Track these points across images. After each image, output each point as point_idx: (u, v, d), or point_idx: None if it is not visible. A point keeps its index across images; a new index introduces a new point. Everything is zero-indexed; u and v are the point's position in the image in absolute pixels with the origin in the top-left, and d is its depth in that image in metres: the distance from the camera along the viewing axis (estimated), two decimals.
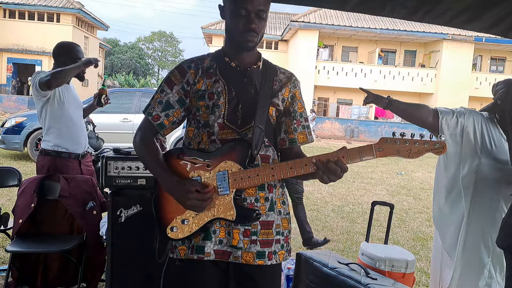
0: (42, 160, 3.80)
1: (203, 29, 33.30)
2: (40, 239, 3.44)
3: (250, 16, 1.78)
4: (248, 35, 1.80)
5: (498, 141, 2.78)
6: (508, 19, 2.83)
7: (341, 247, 5.49)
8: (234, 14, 1.80)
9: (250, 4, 1.77)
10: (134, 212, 2.99)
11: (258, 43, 1.88)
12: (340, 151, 1.77)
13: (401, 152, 1.74)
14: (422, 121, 2.84)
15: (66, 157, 3.80)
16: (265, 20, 1.85)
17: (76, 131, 3.90)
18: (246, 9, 1.77)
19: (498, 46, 29.98)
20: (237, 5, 1.79)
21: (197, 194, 1.74)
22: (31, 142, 10.14)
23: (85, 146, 4.03)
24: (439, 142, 1.73)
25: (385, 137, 1.75)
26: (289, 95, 1.99)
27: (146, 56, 71.92)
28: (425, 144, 1.73)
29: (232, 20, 1.83)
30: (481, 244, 2.80)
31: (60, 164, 3.76)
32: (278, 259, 1.91)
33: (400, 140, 1.74)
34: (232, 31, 1.85)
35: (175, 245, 1.87)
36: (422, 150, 1.74)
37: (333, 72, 29.58)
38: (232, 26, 1.83)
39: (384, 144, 1.75)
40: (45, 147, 3.80)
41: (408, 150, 1.74)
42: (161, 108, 1.90)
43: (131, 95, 11.12)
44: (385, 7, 2.84)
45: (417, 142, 1.74)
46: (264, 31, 1.88)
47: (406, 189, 10.23)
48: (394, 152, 1.75)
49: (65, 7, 30.03)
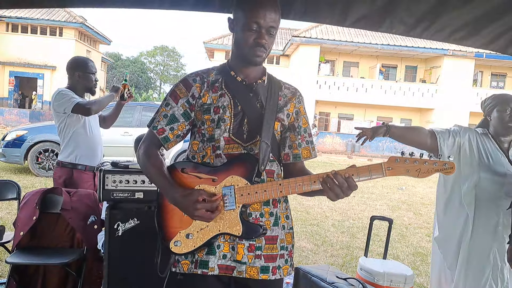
0: (59, 171, 3.96)
1: (205, 44, 33.45)
2: (40, 251, 3.44)
3: (261, 32, 1.80)
4: (258, 50, 1.81)
5: (494, 154, 2.84)
6: (506, 35, 2.86)
7: (341, 262, 5.47)
8: (246, 28, 1.81)
9: (263, 20, 1.78)
10: (132, 226, 2.99)
11: (265, 58, 1.89)
12: (349, 169, 1.78)
13: (411, 172, 1.75)
14: (420, 144, 2.91)
15: (82, 169, 3.96)
16: (274, 37, 1.86)
17: (95, 141, 4.09)
18: (259, 24, 1.79)
19: (498, 62, 30.05)
20: (249, 19, 1.79)
21: (205, 204, 1.72)
22: (32, 156, 10.12)
23: (101, 158, 4.19)
24: (448, 163, 1.74)
25: (394, 156, 1.77)
26: (294, 111, 2.00)
27: (148, 70, 71.99)
28: (434, 164, 1.74)
29: (242, 34, 1.82)
30: (483, 259, 2.81)
31: (76, 176, 3.92)
32: (282, 273, 1.91)
33: (410, 159, 1.75)
34: (241, 45, 1.85)
35: (178, 259, 1.87)
36: (431, 170, 1.75)
37: (334, 87, 29.63)
38: (242, 40, 1.83)
39: (394, 163, 1.76)
40: (62, 159, 3.96)
41: (418, 170, 1.75)
42: (166, 121, 1.90)
43: (132, 109, 11.13)
44: (384, 23, 2.88)
45: (427, 162, 1.75)
46: (271, 48, 1.89)
47: (407, 204, 10.20)
48: (403, 171, 1.75)
49: (67, 21, 30.18)
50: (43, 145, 10.11)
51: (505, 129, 2.88)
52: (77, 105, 3.82)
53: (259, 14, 1.78)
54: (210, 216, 1.74)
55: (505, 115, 2.85)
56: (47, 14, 30.13)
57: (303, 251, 5.78)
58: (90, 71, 4.11)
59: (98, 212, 3.57)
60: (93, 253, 3.45)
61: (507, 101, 2.89)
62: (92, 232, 3.46)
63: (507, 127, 2.87)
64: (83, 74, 4.06)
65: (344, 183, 1.73)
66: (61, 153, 3.99)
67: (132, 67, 66.53)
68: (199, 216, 1.73)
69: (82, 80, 4.07)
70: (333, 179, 1.74)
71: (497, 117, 2.90)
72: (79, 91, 4.05)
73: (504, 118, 2.86)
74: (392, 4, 2.65)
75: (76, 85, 4.07)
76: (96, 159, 4.07)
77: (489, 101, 2.97)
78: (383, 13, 2.76)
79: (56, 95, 3.91)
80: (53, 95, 3.95)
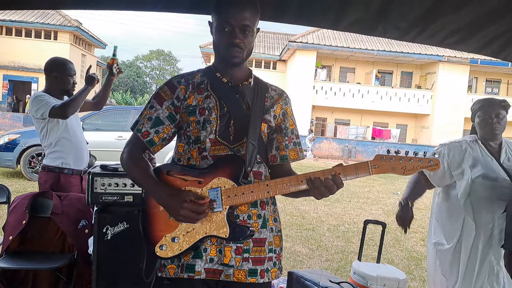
0: (45, 176, 3.83)
1: (201, 48, 33.46)
2: (30, 256, 3.40)
3: (234, 31, 1.79)
4: (233, 50, 1.81)
5: (484, 160, 2.85)
6: (499, 40, 2.86)
7: (336, 266, 5.45)
8: (218, 29, 1.82)
9: (234, 19, 1.78)
10: (121, 230, 2.96)
11: (246, 59, 1.88)
12: (336, 167, 1.77)
13: (396, 169, 1.76)
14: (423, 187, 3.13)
15: (69, 173, 3.84)
16: (252, 36, 1.85)
17: (80, 145, 3.97)
18: (230, 24, 1.79)
19: (493, 68, 30.23)
20: (221, 20, 1.81)
21: (192, 205, 1.69)
22: (24, 160, 10.06)
23: (87, 161, 4.07)
24: (433, 160, 1.76)
25: (380, 154, 1.77)
26: (280, 112, 1.98)
27: (144, 74, 72.15)
28: (420, 161, 1.76)
29: (217, 36, 1.84)
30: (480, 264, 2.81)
31: (63, 180, 3.81)
32: (271, 277, 1.88)
33: (395, 157, 1.76)
34: (218, 47, 1.86)
35: (164, 263, 1.84)
36: (417, 167, 1.76)
37: (331, 92, 29.73)
38: (217, 42, 1.85)
39: (380, 161, 1.76)
40: (48, 163, 3.83)
41: (403, 167, 1.75)
42: (150, 124, 1.88)
43: (126, 113, 11.11)
44: (378, 27, 2.88)
45: (412, 159, 1.76)
46: (252, 47, 1.88)
47: None
48: (389, 169, 1.76)
49: (62, 25, 30.08)
50: (36, 149, 10.03)
51: (490, 134, 2.90)
52: (52, 109, 3.66)
53: (230, 14, 1.79)
54: (196, 217, 1.71)
55: (489, 120, 2.88)
56: (42, 17, 30.05)
57: (298, 255, 5.74)
58: (68, 73, 3.94)
59: (89, 216, 3.53)
60: (83, 258, 3.40)
61: (489, 105, 2.91)
62: (83, 237, 3.42)
63: (489, 131, 2.89)
64: (60, 75, 3.90)
65: (330, 181, 1.73)
66: (47, 158, 3.86)
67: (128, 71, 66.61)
68: (184, 216, 1.70)
69: (59, 82, 3.91)
70: (320, 179, 1.73)
71: (478, 122, 2.93)
72: (56, 93, 3.89)
73: (485, 123, 2.89)
74: (385, 9, 2.65)
75: (53, 86, 3.91)
76: (83, 162, 3.98)
77: (473, 106, 3.01)
78: (377, 17, 2.76)
79: (32, 100, 3.76)
80: (30, 101, 3.84)
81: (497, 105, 2.89)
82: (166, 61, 74.71)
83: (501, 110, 2.87)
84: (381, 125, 30.74)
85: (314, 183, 1.74)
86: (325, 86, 29.95)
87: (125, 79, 64.84)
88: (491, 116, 2.86)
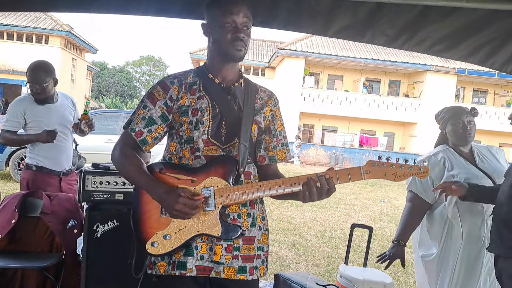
0: (24, 173, 3.90)
1: (191, 54, 33.46)
2: (18, 255, 3.40)
3: (238, 27, 1.86)
4: (237, 44, 1.86)
5: (461, 166, 2.92)
6: (485, 48, 2.93)
7: (322, 272, 5.48)
8: (223, 25, 1.86)
9: (237, 16, 1.85)
10: (111, 227, 2.98)
11: (244, 55, 1.93)
12: (329, 171, 1.84)
13: (388, 175, 1.83)
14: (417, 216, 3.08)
15: (47, 172, 3.87)
16: (249, 35, 1.92)
17: (56, 152, 3.92)
18: (234, 20, 1.85)
19: (480, 78, 30.49)
20: (225, 17, 1.85)
21: (187, 200, 1.73)
22: (13, 161, 10.00)
23: (67, 165, 4.05)
24: (422, 167, 1.84)
25: (372, 160, 1.84)
26: (270, 113, 2.04)
27: (134, 79, 71.89)
28: (410, 169, 1.83)
29: (221, 32, 1.87)
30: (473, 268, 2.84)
31: (41, 179, 3.83)
32: (259, 274, 1.93)
33: (387, 164, 1.83)
34: (220, 43, 1.89)
35: (154, 261, 1.86)
36: (407, 174, 1.84)
37: (319, 100, 29.82)
38: (221, 38, 1.87)
39: (372, 167, 1.83)
40: (28, 162, 3.91)
41: (394, 174, 1.83)
42: (144, 124, 1.91)
43: (116, 116, 11.08)
44: (366, 34, 2.93)
45: (403, 166, 1.83)
46: (248, 46, 1.93)
47: (389, 216, 10.27)
48: (381, 175, 1.83)
49: (54, 29, 29.86)
50: (25, 151, 9.88)
51: (464, 141, 2.99)
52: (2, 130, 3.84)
53: (234, 11, 1.85)
54: (190, 212, 1.75)
55: (459, 127, 2.97)
56: (33, 21, 29.81)
57: (285, 260, 5.77)
58: (30, 81, 3.83)
59: (78, 216, 3.53)
60: (72, 258, 3.41)
61: (459, 113, 3.00)
62: (72, 236, 3.43)
63: (463, 138, 2.98)
64: (31, 84, 3.85)
65: (325, 185, 1.78)
66: (27, 156, 3.95)
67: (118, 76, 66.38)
68: (178, 211, 1.73)
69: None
70: (315, 181, 1.78)
71: (452, 130, 3.01)
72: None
73: (459, 130, 2.97)
74: (373, 16, 2.71)
75: None
76: (60, 167, 3.95)
77: (443, 115, 3.09)
78: (365, 24, 2.82)
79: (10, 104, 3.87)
80: None
81: (468, 113, 3.00)
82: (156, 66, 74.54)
83: (471, 117, 2.99)
84: (368, 132, 30.89)
85: (308, 185, 1.79)
86: (313, 93, 30.05)
87: (115, 84, 64.59)
88: (464, 123, 2.96)
